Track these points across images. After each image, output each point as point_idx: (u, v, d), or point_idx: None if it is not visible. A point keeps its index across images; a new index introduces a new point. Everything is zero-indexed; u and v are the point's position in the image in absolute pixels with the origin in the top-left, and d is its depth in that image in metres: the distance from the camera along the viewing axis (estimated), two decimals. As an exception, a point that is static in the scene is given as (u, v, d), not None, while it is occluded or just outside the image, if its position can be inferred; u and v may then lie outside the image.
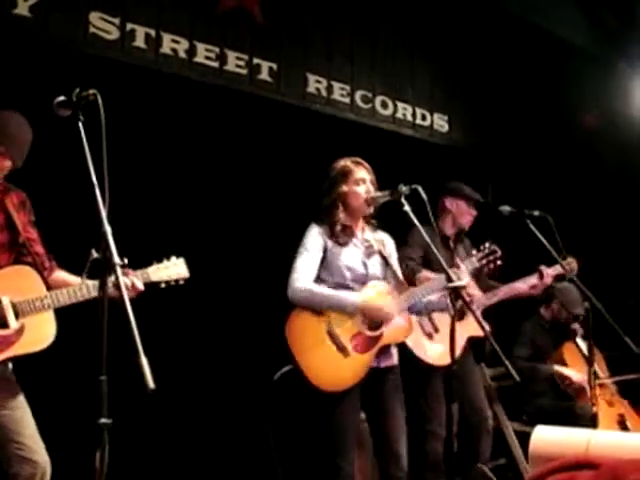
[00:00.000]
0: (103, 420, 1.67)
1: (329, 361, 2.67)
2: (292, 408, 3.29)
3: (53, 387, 2.67)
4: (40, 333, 2.22)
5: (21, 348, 2.21)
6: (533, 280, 3.61)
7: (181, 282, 2.48)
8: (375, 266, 2.86)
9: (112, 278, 1.76)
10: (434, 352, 3.30)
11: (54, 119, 1.98)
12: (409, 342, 3.24)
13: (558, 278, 3.72)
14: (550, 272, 3.59)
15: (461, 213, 3.67)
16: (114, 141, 1.91)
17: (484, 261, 3.18)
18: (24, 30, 3.24)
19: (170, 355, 3.28)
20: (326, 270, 2.78)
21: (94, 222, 1.79)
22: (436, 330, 3.37)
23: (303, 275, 2.72)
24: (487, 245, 3.21)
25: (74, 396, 2.83)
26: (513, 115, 5.30)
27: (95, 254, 1.89)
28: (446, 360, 3.28)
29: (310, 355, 2.67)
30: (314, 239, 2.79)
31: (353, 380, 2.67)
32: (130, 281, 2.27)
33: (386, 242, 2.96)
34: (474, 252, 3.21)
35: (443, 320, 3.33)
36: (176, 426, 3.70)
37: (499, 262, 3.20)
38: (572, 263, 3.63)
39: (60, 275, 2.43)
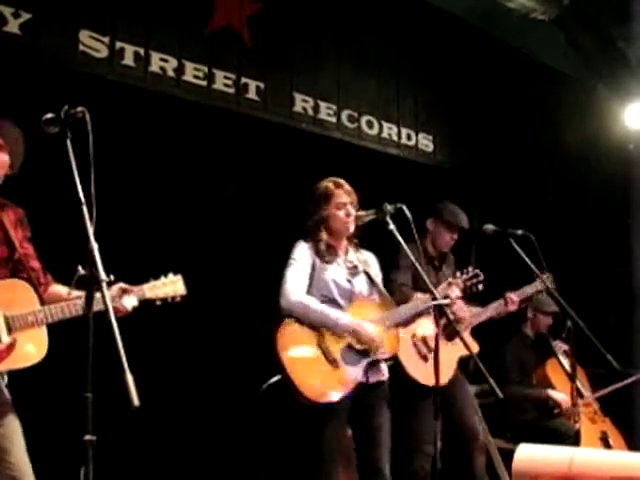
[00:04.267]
0: (88, 437, 1.68)
1: (318, 373, 2.69)
2: (279, 419, 3.29)
3: (38, 403, 2.65)
4: (32, 348, 2.20)
5: (12, 363, 2.18)
6: (500, 305, 3.66)
7: (178, 299, 2.44)
8: (361, 284, 2.90)
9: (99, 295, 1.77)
10: (430, 374, 3.32)
11: (42, 136, 1.99)
12: (406, 365, 3.28)
13: (537, 293, 3.77)
14: (515, 298, 3.64)
15: (439, 236, 3.65)
16: (102, 159, 1.93)
17: (468, 284, 3.24)
18: (14, 48, 3.26)
19: (156, 368, 3.27)
20: (314, 285, 2.82)
21: (82, 238, 1.81)
22: (430, 351, 3.39)
23: (296, 286, 2.76)
24: (470, 269, 3.26)
25: (59, 413, 2.82)
26: (497, 136, 5.39)
27: (82, 270, 1.90)
28: (442, 380, 3.32)
29: (299, 366, 2.68)
30: (302, 252, 2.84)
31: (342, 393, 2.69)
32: (121, 305, 2.27)
33: (370, 262, 3.00)
34: (458, 274, 3.26)
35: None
36: (162, 442, 3.68)
37: (481, 286, 3.26)
38: (549, 278, 3.69)
39: (56, 289, 2.41)
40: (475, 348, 3.37)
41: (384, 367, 2.89)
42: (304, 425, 2.74)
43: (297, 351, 2.70)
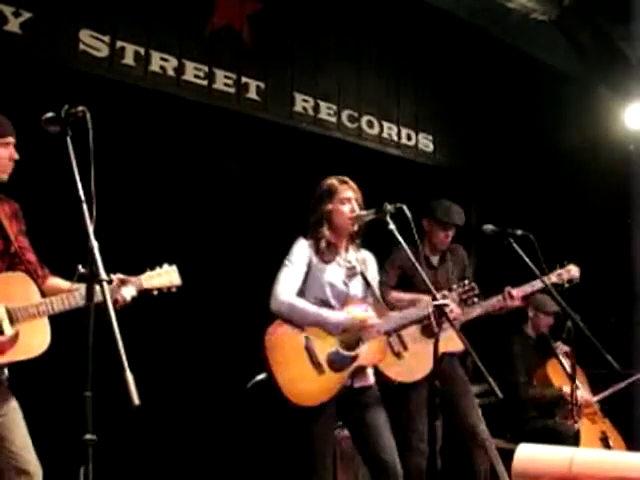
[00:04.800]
0: (88, 436, 1.68)
1: (303, 376, 2.69)
2: (264, 417, 3.30)
3: (37, 402, 2.65)
4: (35, 340, 2.22)
5: (15, 355, 2.20)
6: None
7: (173, 290, 2.49)
8: (356, 287, 2.89)
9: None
10: (402, 370, 3.33)
11: (43, 135, 1.99)
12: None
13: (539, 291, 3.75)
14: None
15: (434, 234, 3.67)
16: (103, 157, 1.93)
17: (463, 297, 3.25)
18: (15, 47, 3.26)
19: (151, 366, 3.26)
20: (308, 285, 2.81)
21: (82, 237, 1.81)
22: (405, 348, 3.39)
23: (287, 288, 2.75)
24: (466, 282, 3.27)
25: (59, 411, 2.81)
26: (496, 136, 5.39)
27: (82, 269, 1.90)
28: (414, 377, 3.34)
29: (285, 367, 2.69)
30: (300, 252, 2.83)
31: (324, 397, 2.69)
32: (121, 297, 2.31)
33: (368, 262, 2.99)
34: (454, 287, 3.26)
35: (412, 337, 3.39)
36: (161, 442, 3.68)
37: (475, 299, 3.27)
38: (572, 270, 3.63)
39: (54, 282, 2.42)
40: (460, 345, 3.35)
41: (370, 373, 2.87)
42: (288, 424, 2.75)
43: (283, 353, 2.71)
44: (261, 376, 3.15)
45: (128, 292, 2.35)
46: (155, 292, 2.46)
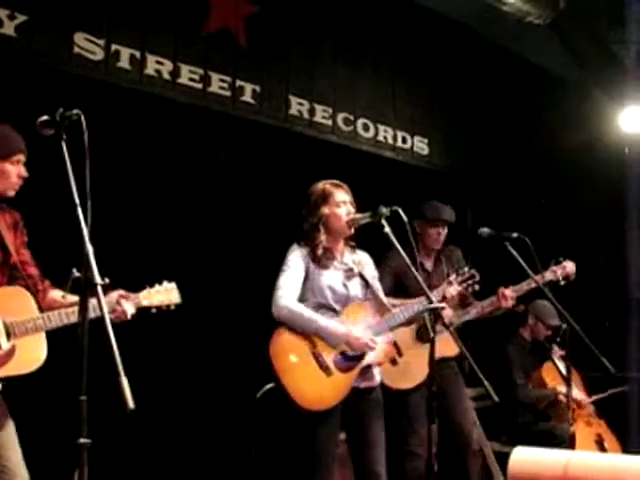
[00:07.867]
0: (82, 440, 1.67)
1: (312, 380, 2.68)
2: (274, 426, 3.29)
3: (32, 406, 2.65)
4: (31, 354, 2.20)
5: (12, 369, 2.18)
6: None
7: (172, 308, 2.46)
8: (356, 287, 2.89)
9: (95, 300, 1.77)
10: (399, 377, 3.33)
11: (37, 138, 1.99)
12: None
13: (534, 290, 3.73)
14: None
15: (426, 234, 3.66)
16: (98, 161, 1.93)
17: (464, 285, 3.24)
18: (9, 50, 3.25)
19: (152, 374, 3.26)
20: (308, 291, 2.80)
21: (76, 241, 1.80)
22: (400, 354, 3.38)
23: (287, 293, 2.74)
24: (466, 270, 3.26)
25: (53, 416, 2.80)
26: (492, 139, 5.41)
27: (76, 273, 1.90)
28: (410, 383, 3.34)
29: (293, 373, 2.68)
30: (296, 259, 2.82)
31: (335, 399, 2.69)
32: (121, 308, 2.30)
33: (365, 262, 2.99)
34: (453, 277, 3.26)
35: (406, 344, 3.39)
36: (157, 446, 3.67)
37: (477, 286, 3.26)
38: (567, 267, 3.59)
39: (54, 296, 2.40)
40: (455, 350, 3.32)
41: (376, 373, 2.87)
42: (298, 431, 2.74)
43: (290, 359, 2.70)
44: (270, 385, 3.14)
45: (128, 309, 2.33)
46: (154, 310, 2.42)
